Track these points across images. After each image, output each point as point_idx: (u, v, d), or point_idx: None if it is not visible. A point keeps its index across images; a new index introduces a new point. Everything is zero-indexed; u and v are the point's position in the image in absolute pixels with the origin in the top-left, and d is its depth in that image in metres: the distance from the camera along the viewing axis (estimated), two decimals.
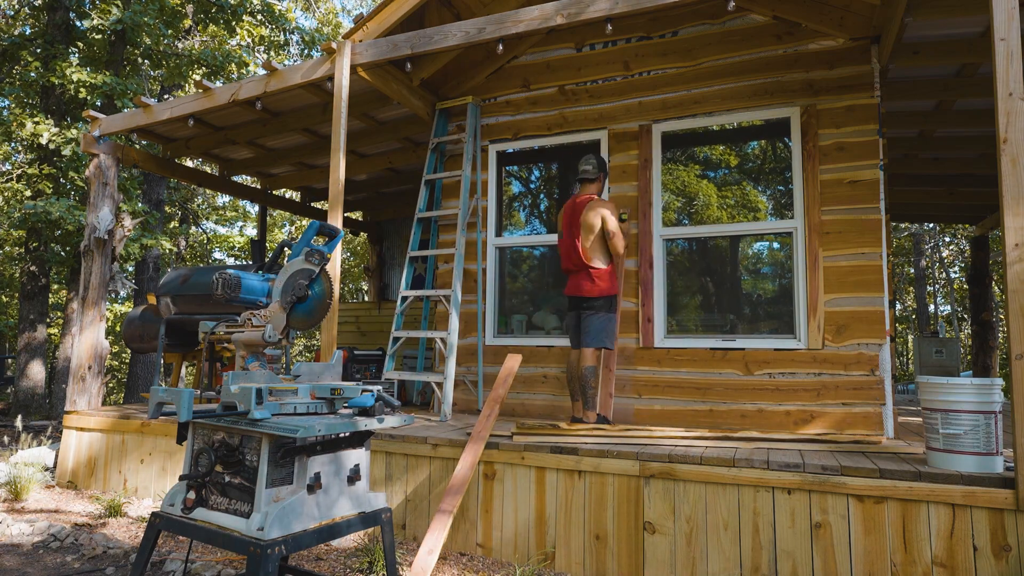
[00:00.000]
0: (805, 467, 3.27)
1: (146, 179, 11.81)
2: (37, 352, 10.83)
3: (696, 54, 5.21)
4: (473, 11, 5.52)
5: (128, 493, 5.27)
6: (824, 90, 4.77)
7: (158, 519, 2.42)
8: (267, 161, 7.85)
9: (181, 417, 2.28)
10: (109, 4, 10.59)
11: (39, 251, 10.78)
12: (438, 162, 6.03)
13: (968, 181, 7.75)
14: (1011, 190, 2.99)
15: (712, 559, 3.39)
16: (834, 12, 4.73)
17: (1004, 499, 2.94)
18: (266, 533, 2.15)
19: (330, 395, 2.53)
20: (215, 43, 14.33)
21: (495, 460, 3.94)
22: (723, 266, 5.20)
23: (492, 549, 3.89)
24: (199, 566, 3.60)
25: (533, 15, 4.31)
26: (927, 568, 3.05)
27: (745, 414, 4.75)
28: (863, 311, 4.51)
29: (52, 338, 16.27)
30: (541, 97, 5.77)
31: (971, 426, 3.08)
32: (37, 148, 10.32)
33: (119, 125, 6.05)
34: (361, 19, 5.12)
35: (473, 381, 5.71)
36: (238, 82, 5.54)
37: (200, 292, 5.90)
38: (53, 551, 4.00)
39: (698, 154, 5.33)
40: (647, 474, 3.55)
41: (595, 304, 4.69)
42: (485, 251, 5.81)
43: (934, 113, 5.89)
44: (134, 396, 11.17)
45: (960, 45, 4.70)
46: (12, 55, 10.93)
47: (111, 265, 6.04)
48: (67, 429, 5.78)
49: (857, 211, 4.58)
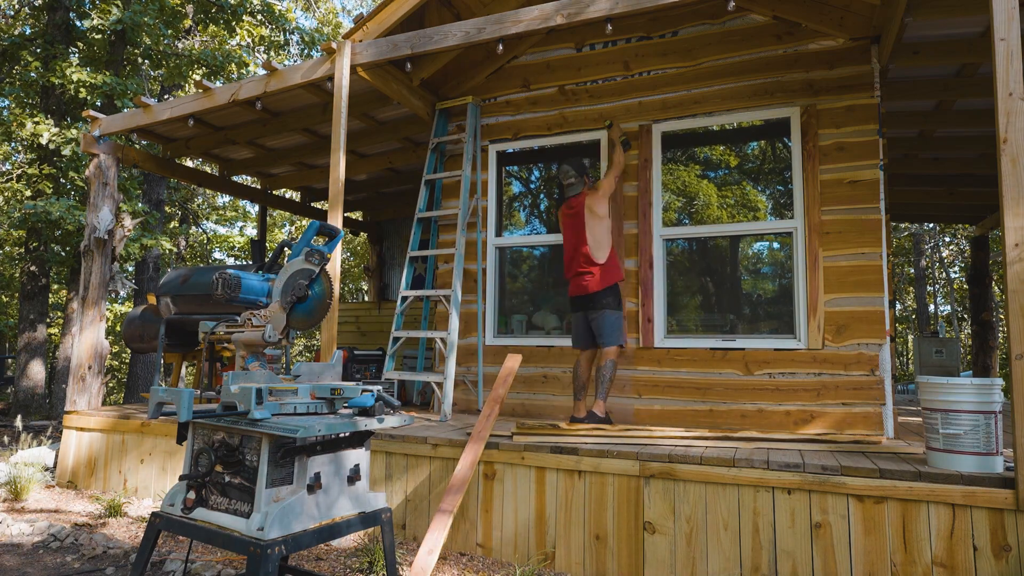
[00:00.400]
0: (805, 467, 3.27)
1: (146, 179, 11.81)
2: (37, 352, 10.83)
3: (696, 54, 5.21)
4: (473, 11, 5.52)
5: (128, 493, 5.27)
6: (824, 90, 4.77)
7: (158, 519, 2.42)
8: (267, 161, 7.85)
9: (181, 417, 2.28)
10: (109, 4, 10.59)
11: (39, 251, 10.78)
12: (438, 162, 6.03)
13: (968, 181, 7.75)
14: (1011, 190, 2.99)
15: (712, 559, 3.39)
16: (834, 12, 4.74)
17: (1004, 499, 2.94)
18: (266, 533, 2.15)
19: (330, 395, 2.53)
20: (215, 43, 14.34)
21: (495, 460, 3.94)
22: (723, 266, 5.20)
23: (492, 549, 3.89)
24: (199, 566, 3.60)
25: (533, 15, 4.31)
26: (927, 568, 3.05)
27: (745, 414, 4.75)
28: (863, 311, 4.51)
29: (52, 338, 16.27)
30: (541, 97, 5.77)
31: (971, 426, 3.08)
32: (37, 148, 10.32)
33: (119, 125, 6.05)
34: (361, 19, 5.12)
35: (473, 381, 5.71)
36: (238, 82, 5.54)
37: (200, 292, 5.90)
38: (53, 551, 4.00)
39: (698, 154, 5.33)
40: (647, 474, 3.55)
41: (603, 300, 4.70)
42: (485, 251, 5.81)
43: (934, 113, 5.89)
44: (134, 396, 11.17)
45: (960, 45, 4.70)
46: (12, 55, 10.93)
47: (111, 265, 6.04)
48: (67, 429, 5.78)
49: (857, 211, 4.59)
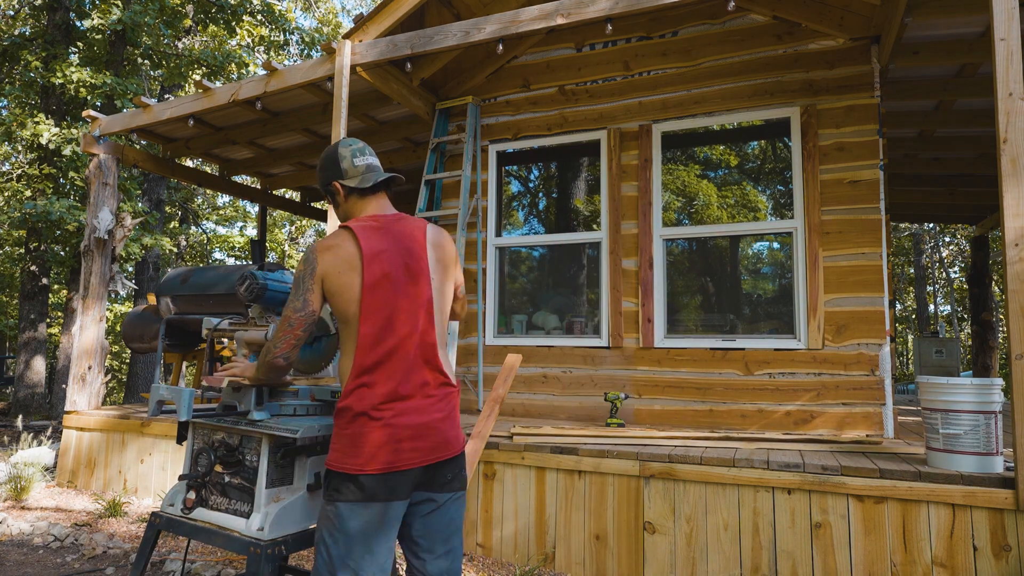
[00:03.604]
0: (805, 467, 3.27)
1: (146, 179, 11.81)
2: (37, 352, 10.83)
3: (696, 54, 5.21)
4: (473, 11, 5.52)
5: (128, 492, 5.27)
6: (824, 90, 4.77)
7: (158, 519, 2.42)
8: (267, 161, 7.85)
9: (181, 416, 2.29)
10: (109, 4, 10.59)
11: (39, 251, 10.78)
12: (438, 162, 6.03)
13: (968, 181, 7.74)
14: (1011, 190, 2.99)
15: (712, 559, 3.39)
16: (834, 12, 4.74)
17: (1004, 499, 2.94)
18: (266, 533, 2.15)
19: (330, 397, 2.53)
20: (215, 43, 14.33)
21: (495, 460, 3.94)
22: (723, 266, 5.20)
23: (492, 549, 3.89)
24: (199, 566, 3.60)
25: (533, 15, 4.31)
26: (927, 568, 3.05)
27: (745, 414, 4.75)
28: (863, 311, 4.51)
29: (52, 338, 16.27)
30: (541, 97, 5.77)
31: (971, 426, 3.08)
32: (37, 148, 10.32)
33: (119, 125, 6.05)
34: (361, 19, 5.11)
35: (473, 381, 5.71)
36: (238, 82, 5.54)
37: (200, 292, 5.90)
38: (53, 551, 4.00)
39: (698, 154, 5.33)
40: (647, 474, 3.55)
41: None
42: (485, 251, 5.81)
43: (934, 113, 5.89)
44: (134, 396, 11.17)
45: (960, 45, 4.70)
46: (12, 55, 10.93)
47: (111, 265, 6.04)
48: (67, 429, 5.78)
49: (857, 211, 4.58)
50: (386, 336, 1.93)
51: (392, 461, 1.87)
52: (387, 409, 1.90)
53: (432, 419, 1.96)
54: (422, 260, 2.03)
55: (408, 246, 2.03)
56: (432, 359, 2.00)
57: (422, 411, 1.94)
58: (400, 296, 1.96)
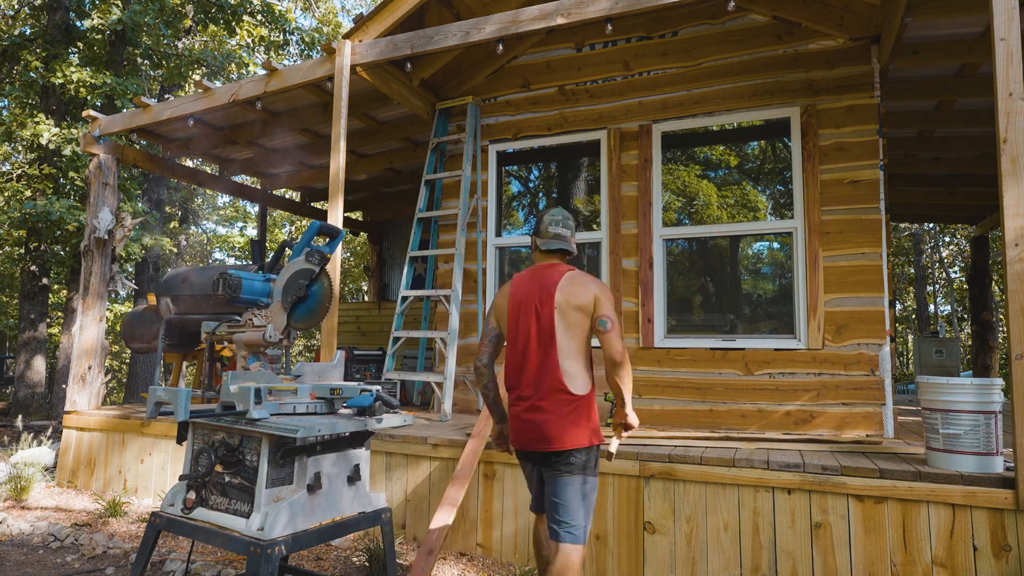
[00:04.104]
0: (805, 467, 3.27)
1: (146, 179, 11.81)
2: (37, 352, 10.83)
3: (696, 54, 5.21)
4: (473, 11, 5.52)
5: (128, 492, 5.27)
6: (824, 90, 4.77)
7: (158, 519, 2.42)
8: (267, 161, 7.85)
9: (178, 417, 2.29)
10: (109, 4, 10.59)
11: (39, 251, 10.78)
12: (438, 162, 6.03)
13: (968, 181, 7.74)
14: (1011, 190, 2.99)
15: (712, 559, 3.39)
16: (834, 12, 4.74)
17: (1004, 499, 2.94)
18: (266, 533, 2.15)
19: (329, 395, 2.53)
20: (215, 43, 14.34)
21: (495, 460, 3.93)
22: (723, 266, 5.20)
23: (492, 549, 3.89)
24: (199, 566, 3.60)
25: (533, 15, 4.31)
26: (927, 568, 3.05)
27: (745, 414, 4.75)
28: (863, 311, 4.51)
29: (52, 338, 16.28)
30: (541, 97, 5.77)
31: (971, 426, 3.08)
32: (37, 148, 10.32)
33: (119, 125, 6.05)
34: (361, 19, 5.11)
35: (473, 381, 5.71)
36: (238, 82, 5.54)
37: (200, 292, 5.90)
38: (53, 550, 4.00)
39: (698, 154, 5.33)
40: (647, 474, 3.55)
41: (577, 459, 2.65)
42: (485, 251, 5.81)
43: (934, 113, 5.89)
44: (134, 396, 11.17)
45: (960, 45, 4.70)
46: (12, 55, 10.92)
47: (111, 265, 6.04)
48: (67, 429, 5.78)
49: (857, 211, 4.58)
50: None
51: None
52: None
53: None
54: (550, 296, 2.70)
55: (544, 284, 2.73)
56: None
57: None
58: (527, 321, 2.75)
